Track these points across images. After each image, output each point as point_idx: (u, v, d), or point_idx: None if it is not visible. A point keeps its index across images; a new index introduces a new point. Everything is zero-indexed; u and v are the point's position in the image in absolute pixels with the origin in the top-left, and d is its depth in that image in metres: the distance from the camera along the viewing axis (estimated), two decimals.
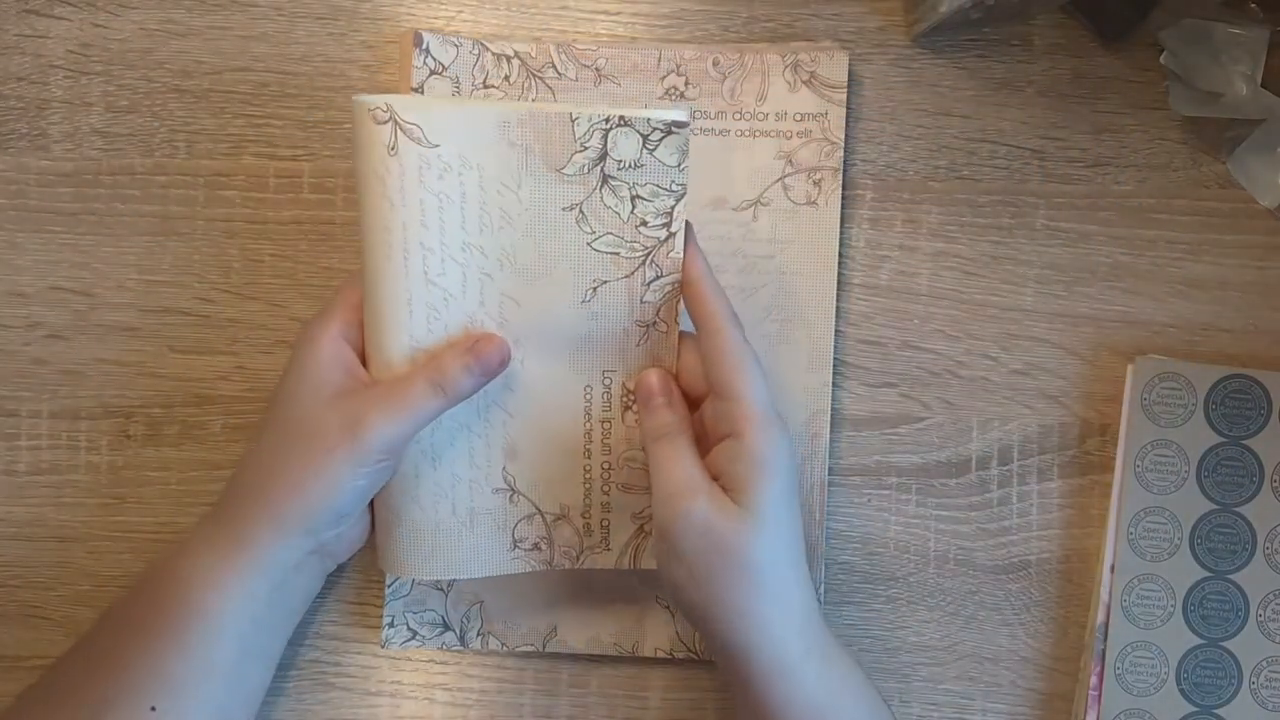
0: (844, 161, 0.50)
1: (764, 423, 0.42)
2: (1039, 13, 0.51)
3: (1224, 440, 0.50)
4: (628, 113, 0.43)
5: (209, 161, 0.51)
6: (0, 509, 0.51)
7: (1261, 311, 0.51)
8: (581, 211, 0.44)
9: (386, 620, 0.50)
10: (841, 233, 0.51)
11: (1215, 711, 0.49)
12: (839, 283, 0.51)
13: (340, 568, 0.49)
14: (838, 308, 0.51)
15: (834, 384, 0.51)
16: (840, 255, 0.51)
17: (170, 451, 0.51)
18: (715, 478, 0.43)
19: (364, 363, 0.45)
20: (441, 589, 0.51)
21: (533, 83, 0.50)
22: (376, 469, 0.43)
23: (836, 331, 0.51)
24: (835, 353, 0.51)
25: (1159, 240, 0.51)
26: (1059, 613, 0.51)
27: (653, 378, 0.45)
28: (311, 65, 0.51)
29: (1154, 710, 0.49)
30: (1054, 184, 0.51)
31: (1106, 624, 0.50)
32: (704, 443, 0.45)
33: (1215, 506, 0.50)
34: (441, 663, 0.51)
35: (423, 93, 0.49)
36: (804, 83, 0.50)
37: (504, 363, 0.45)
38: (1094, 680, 0.50)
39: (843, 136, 0.50)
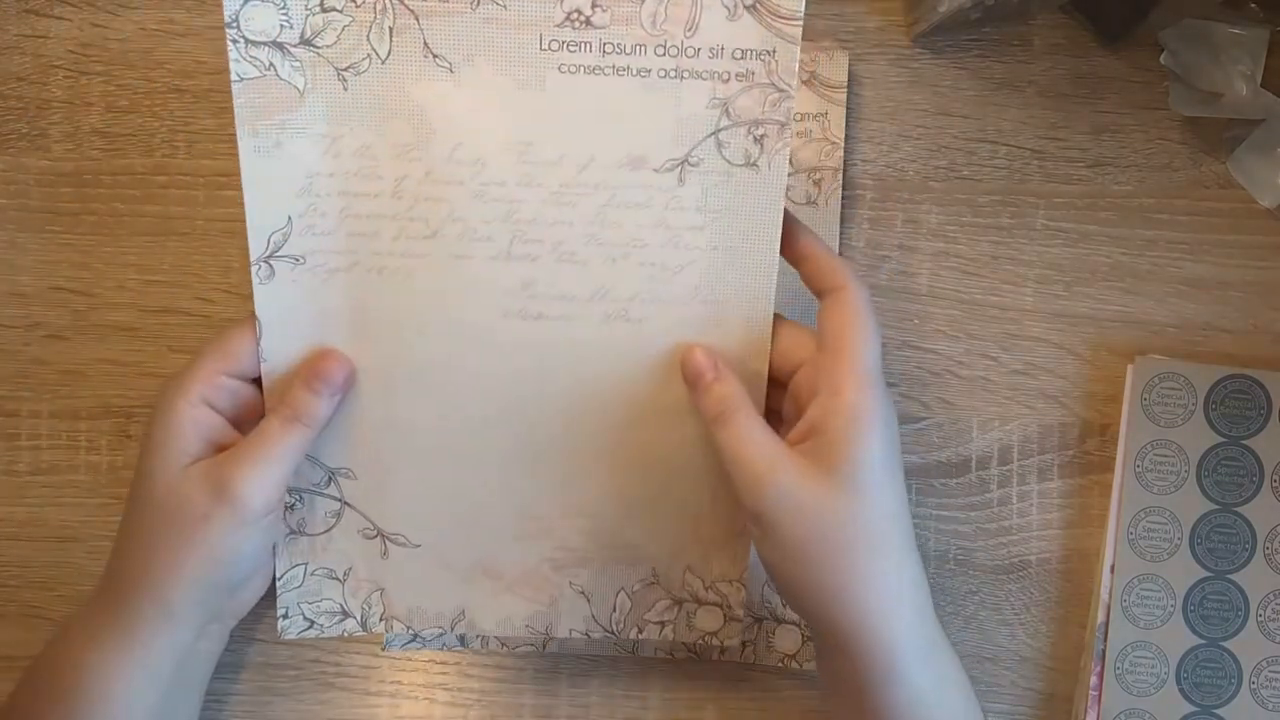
0: (844, 161, 0.50)
1: (867, 380, 0.39)
2: (1039, 13, 0.51)
3: (1224, 440, 0.50)
4: None
5: (209, 161, 0.51)
6: (0, 509, 0.51)
7: (1261, 311, 0.51)
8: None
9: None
10: (841, 233, 0.50)
11: (1215, 711, 0.49)
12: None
13: None
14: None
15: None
16: (841, 255, 0.51)
17: None
18: (806, 438, 0.39)
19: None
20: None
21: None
22: (263, 526, 0.42)
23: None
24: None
25: (1159, 240, 0.51)
26: (1059, 613, 0.51)
27: (699, 354, 0.42)
28: None
29: (1154, 710, 0.49)
30: (1054, 184, 0.51)
31: (1106, 624, 0.50)
32: (783, 427, 0.42)
33: (1215, 506, 0.50)
34: (441, 663, 0.51)
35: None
36: (803, 82, 0.49)
37: (348, 377, 0.43)
38: (1094, 680, 0.50)
39: (843, 136, 0.50)
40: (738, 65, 0.41)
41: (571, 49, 0.40)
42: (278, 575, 0.47)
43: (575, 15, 0.40)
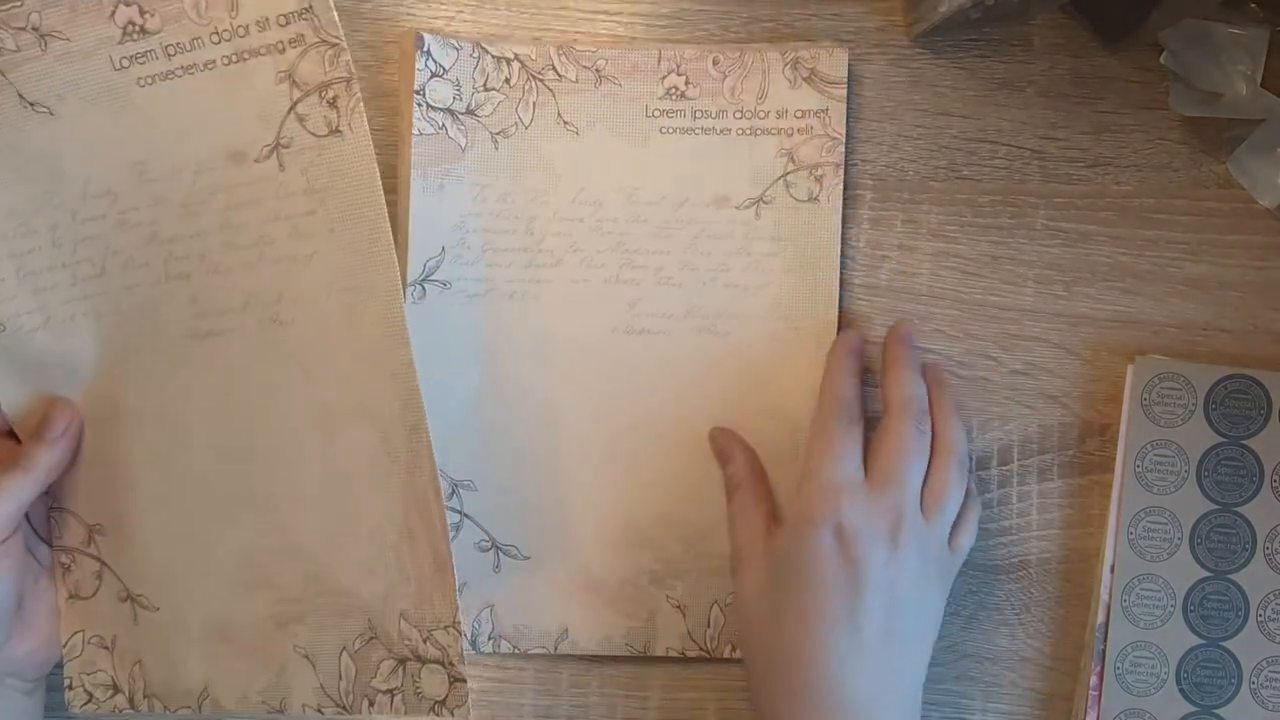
0: (845, 159, 0.50)
1: (807, 485, 0.46)
2: (1039, 13, 0.51)
3: (1224, 440, 0.50)
4: None
5: None
6: None
7: (1261, 311, 0.51)
8: None
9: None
10: (842, 233, 0.50)
11: (1215, 711, 0.49)
12: (840, 282, 0.51)
13: None
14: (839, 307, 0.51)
15: None
16: (840, 255, 0.51)
17: None
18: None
19: None
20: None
21: (533, 85, 0.49)
22: None
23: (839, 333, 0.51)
24: None
25: (1159, 240, 0.51)
26: (1059, 613, 0.51)
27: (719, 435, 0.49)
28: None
29: (1154, 710, 0.49)
30: (1054, 184, 0.51)
31: (1106, 624, 0.50)
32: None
33: (1215, 506, 0.50)
34: None
35: (424, 95, 0.48)
36: (804, 80, 0.49)
37: (67, 425, 0.44)
38: (1094, 680, 0.50)
39: (844, 132, 0.50)
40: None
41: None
42: (63, 642, 0.47)
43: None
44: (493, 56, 0.49)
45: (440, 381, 0.47)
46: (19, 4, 0.41)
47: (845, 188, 0.50)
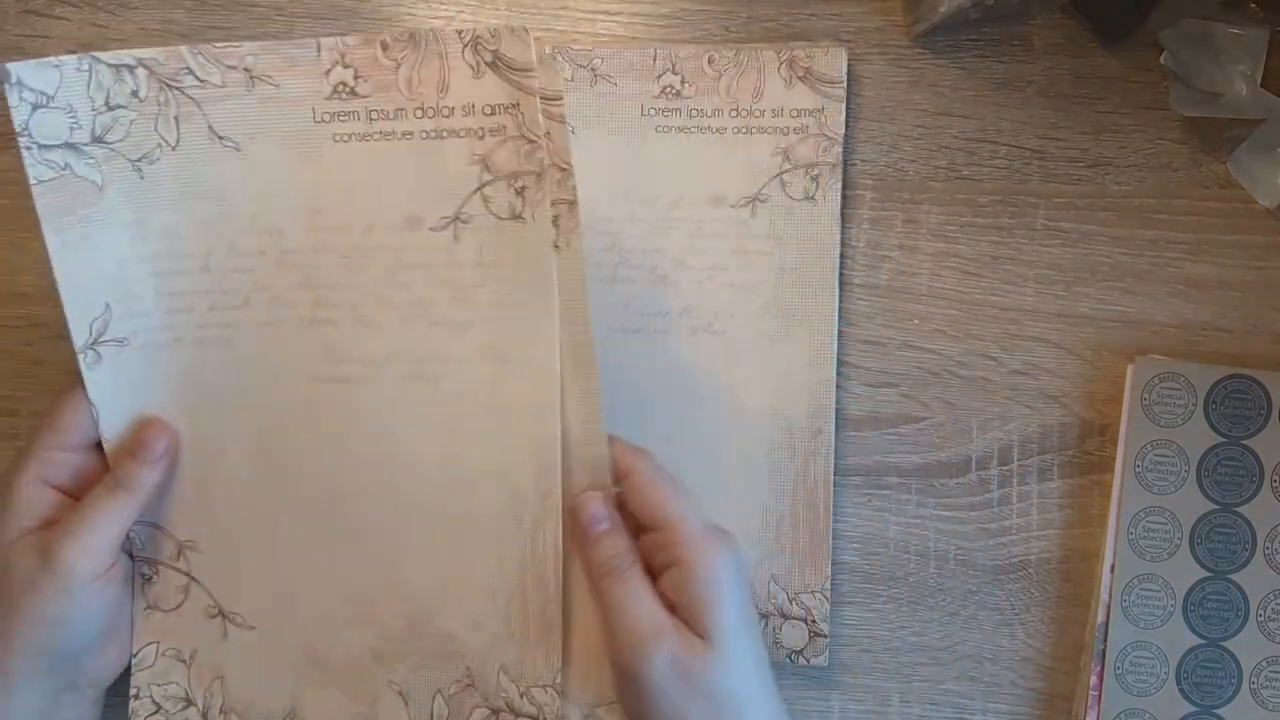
0: (843, 158, 0.50)
1: (703, 544, 0.41)
2: (1039, 13, 0.51)
3: (1224, 440, 0.50)
4: None
5: None
6: None
7: (1261, 311, 0.51)
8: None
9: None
10: (841, 232, 0.50)
11: (1215, 711, 0.49)
12: (840, 283, 0.51)
13: None
14: (839, 307, 0.51)
15: (835, 384, 0.51)
16: (840, 255, 0.51)
17: None
18: (669, 609, 0.41)
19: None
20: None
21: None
22: (92, 592, 0.43)
23: (837, 332, 0.51)
24: (836, 353, 0.51)
25: (1159, 240, 0.51)
26: (1059, 613, 0.51)
27: (594, 502, 0.43)
28: None
29: (1154, 710, 0.49)
30: (1054, 184, 0.51)
31: (1106, 624, 0.50)
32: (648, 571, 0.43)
33: (1215, 506, 0.50)
34: None
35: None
36: (799, 79, 0.49)
37: (170, 443, 0.44)
38: (1094, 680, 0.50)
39: (841, 132, 0.50)
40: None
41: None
42: (133, 652, 0.47)
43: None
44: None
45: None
46: (237, 45, 0.42)
47: (846, 187, 0.50)
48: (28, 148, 0.41)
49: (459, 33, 0.41)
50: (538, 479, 0.44)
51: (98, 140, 0.42)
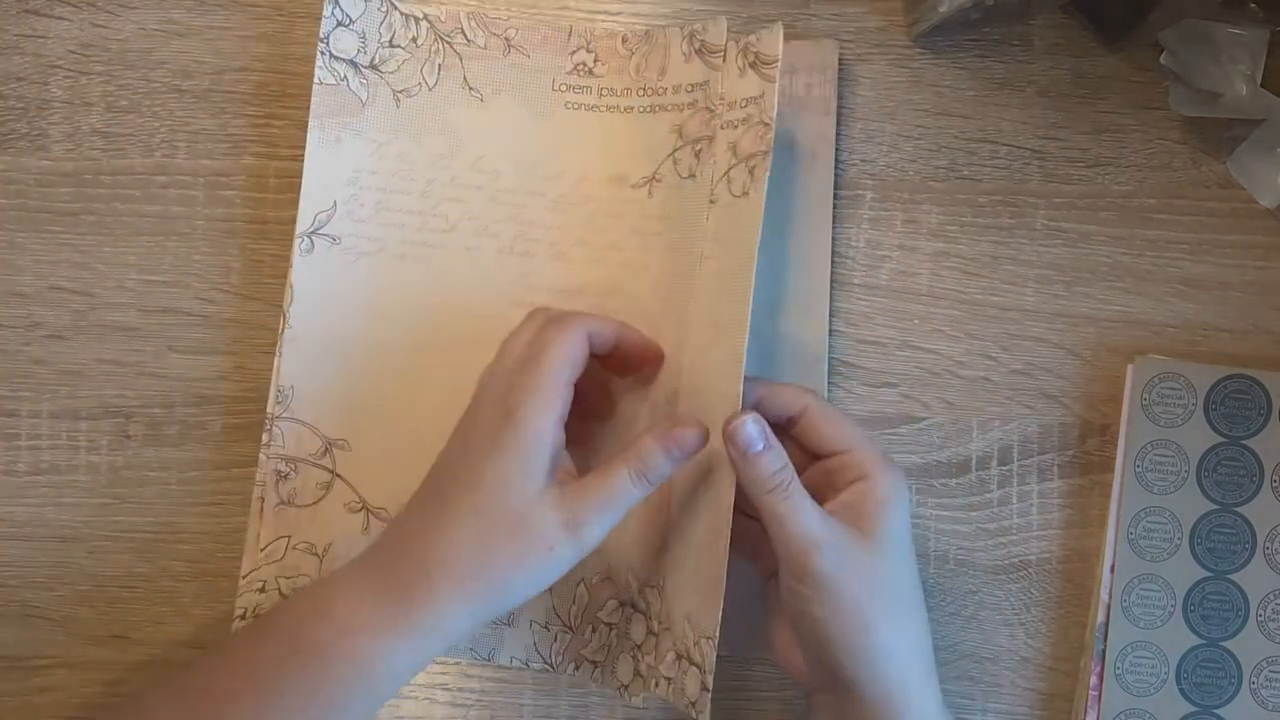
0: (834, 156, 0.50)
1: (886, 464, 0.44)
2: (1039, 13, 0.51)
3: (1224, 440, 0.50)
4: None
5: (209, 161, 0.51)
6: (0, 509, 0.51)
7: (1261, 311, 0.51)
8: None
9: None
10: (841, 233, 0.51)
11: (1215, 711, 0.49)
12: (839, 282, 0.51)
13: None
14: (838, 307, 0.51)
15: (835, 384, 0.51)
16: (840, 255, 0.51)
17: (170, 451, 0.51)
18: (842, 511, 0.43)
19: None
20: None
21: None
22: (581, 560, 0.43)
23: (836, 332, 0.51)
24: (836, 353, 0.51)
25: (1159, 240, 0.51)
26: (1059, 613, 0.51)
27: (751, 423, 0.42)
28: (311, 65, 0.51)
29: (1154, 710, 0.49)
30: (1054, 184, 0.51)
31: (1106, 624, 0.50)
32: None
33: (1215, 506, 0.50)
34: (441, 663, 0.51)
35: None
36: (750, 66, 0.46)
37: (702, 445, 0.44)
38: (1094, 680, 0.50)
39: (774, 116, 0.45)
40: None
41: (576, 91, 0.51)
42: (261, 546, 0.49)
43: (580, 66, 0.51)
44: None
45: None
46: (505, 17, 0.51)
47: (845, 188, 0.50)
48: (322, 53, 0.50)
49: (680, 28, 0.50)
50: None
51: (373, 67, 0.50)
